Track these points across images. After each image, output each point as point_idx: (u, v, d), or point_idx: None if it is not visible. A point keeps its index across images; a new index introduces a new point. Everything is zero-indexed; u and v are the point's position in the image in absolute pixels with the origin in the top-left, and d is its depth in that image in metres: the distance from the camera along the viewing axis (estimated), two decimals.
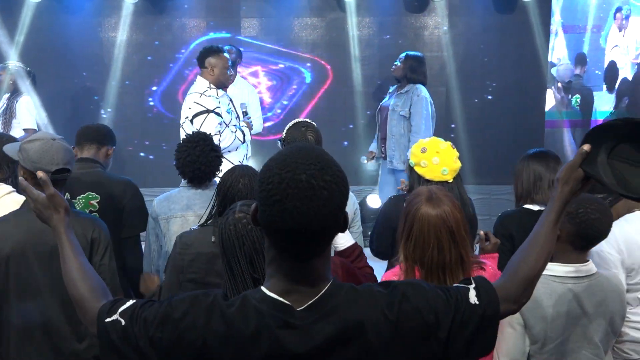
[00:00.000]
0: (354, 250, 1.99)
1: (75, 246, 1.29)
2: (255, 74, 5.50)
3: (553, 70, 5.75)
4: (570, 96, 5.85)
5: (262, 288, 1.05)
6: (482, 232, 2.00)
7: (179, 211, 2.43)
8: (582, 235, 1.73)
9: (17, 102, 4.47)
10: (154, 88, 5.45)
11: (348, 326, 1.02)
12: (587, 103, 5.83)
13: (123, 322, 1.08)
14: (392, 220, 2.39)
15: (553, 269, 1.74)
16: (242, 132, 3.66)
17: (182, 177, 2.50)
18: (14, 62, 4.75)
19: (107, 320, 1.09)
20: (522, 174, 2.32)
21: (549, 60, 5.69)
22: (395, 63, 4.58)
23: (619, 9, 5.78)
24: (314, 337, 1.01)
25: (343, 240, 1.79)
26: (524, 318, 1.72)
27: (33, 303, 1.93)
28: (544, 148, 2.32)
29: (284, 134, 2.60)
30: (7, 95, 4.56)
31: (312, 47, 5.49)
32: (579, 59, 5.83)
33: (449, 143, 2.36)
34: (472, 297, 1.11)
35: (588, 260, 1.78)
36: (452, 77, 5.48)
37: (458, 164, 2.34)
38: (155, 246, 2.50)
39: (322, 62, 5.54)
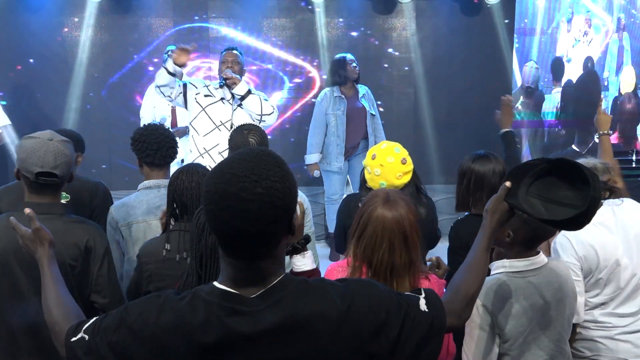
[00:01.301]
0: (310, 276, 1.90)
1: (55, 276, 1.38)
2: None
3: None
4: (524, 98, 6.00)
5: (214, 282, 1.10)
6: (433, 258, 2.04)
7: (140, 216, 2.37)
8: (536, 238, 1.80)
9: None
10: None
11: (297, 315, 1.05)
12: (537, 105, 5.99)
13: (86, 337, 1.13)
14: (345, 218, 2.41)
15: (513, 265, 1.79)
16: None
17: (142, 157, 2.45)
18: None
19: (73, 339, 1.15)
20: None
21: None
22: (351, 65, 4.69)
23: (588, 11, 5.94)
24: (262, 322, 1.05)
25: (301, 263, 1.71)
26: (493, 319, 1.75)
27: (20, 306, 1.87)
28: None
29: (228, 137, 2.57)
30: None
31: (280, 48, 5.48)
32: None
33: (400, 157, 2.27)
34: (422, 305, 1.18)
35: (539, 252, 1.84)
36: (419, 78, 5.54)
37: (402, 180, 2.27)
38: (116, 254, 2.42)
39: (302, 64, 5.54)
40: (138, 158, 2.47)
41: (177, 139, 4.68)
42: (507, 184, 1.39)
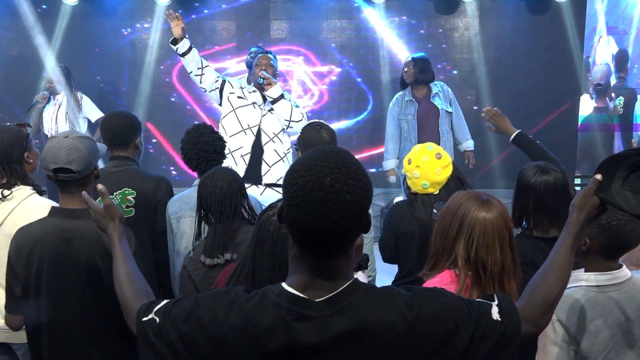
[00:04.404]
0: None
1: (125, 252, 1.44)
2: (285, 74, 5.54)
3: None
4: (615, 99, 5.68)
5: (283, 284, 1.08)
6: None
7: (188, 211, 2.45)
8: (615, 247, 1.68)
9: (81, 98, 4.91)
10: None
11: (363, 323, 1.03)
12: (629, 105, 5.65)
13: (157, 319, 1.14)
14: (398, 226, 2.36)
15: (590, 278, 1.68)
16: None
17: (188, 165, 2.58)
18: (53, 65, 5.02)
19: (144, 319, 1.16)
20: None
21: (595, 62, 5.55)
22: (404, 69, 4.44)
23: None
24: (329, 329, 1.02)
25: (361, 279, 1.71)
26: (570, 334, 1.66)
27: None
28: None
29: (299, 134, 2.65)
30: (62, 94, 4.86)
31: (340, 49, 5.49)
32: (620, 58, 5.62)
33: (434, 154, 2.25)
34: (495, 314, 1.12)
35: (622, 265, 1.73)
36: (482, 79, 5.41)
37: (443, 176, 2.24)
38: (171, 245, 2.55)
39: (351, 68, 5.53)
40: None
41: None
42: (598, 176, 1.27)
